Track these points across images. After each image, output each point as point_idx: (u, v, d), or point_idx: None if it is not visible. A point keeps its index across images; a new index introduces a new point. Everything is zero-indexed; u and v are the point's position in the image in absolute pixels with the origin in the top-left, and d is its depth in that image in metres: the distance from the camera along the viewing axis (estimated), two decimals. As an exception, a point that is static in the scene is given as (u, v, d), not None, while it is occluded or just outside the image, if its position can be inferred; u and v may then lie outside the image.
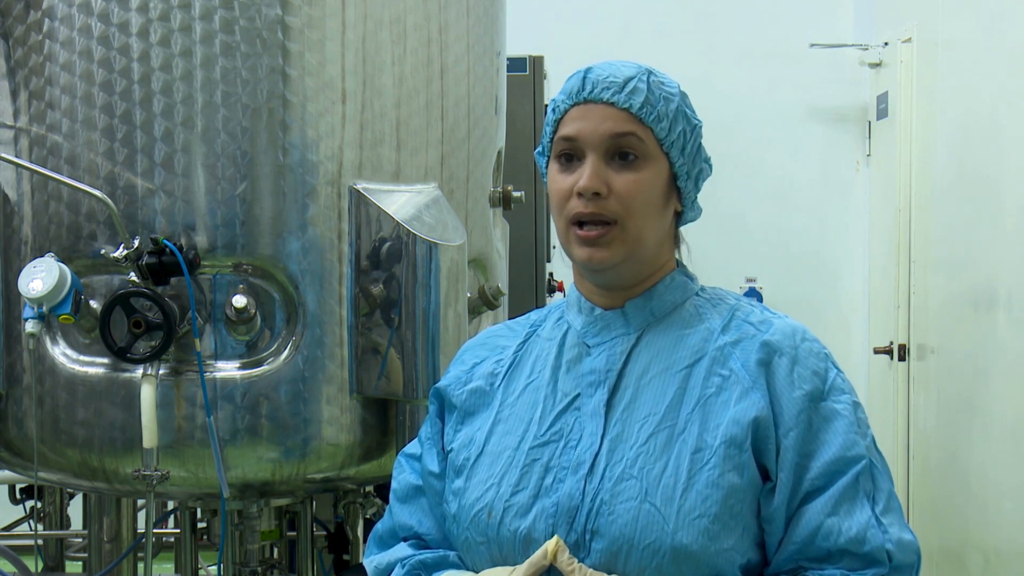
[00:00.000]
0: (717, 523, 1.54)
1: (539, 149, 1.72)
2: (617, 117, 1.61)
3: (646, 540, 1.54)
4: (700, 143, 1.69)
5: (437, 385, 1.81)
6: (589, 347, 1.68)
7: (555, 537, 1.56)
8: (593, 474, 1.59)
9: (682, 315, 1.68)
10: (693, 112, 1.69)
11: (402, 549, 1.77)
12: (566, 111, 1.65)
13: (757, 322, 1.66)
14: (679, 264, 1.75)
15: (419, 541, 1.78)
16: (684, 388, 1.61)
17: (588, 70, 1.65)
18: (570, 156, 1.64)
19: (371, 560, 1.80)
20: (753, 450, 1.57)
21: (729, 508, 1.55)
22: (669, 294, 1.69)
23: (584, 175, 1.60)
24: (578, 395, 1.66)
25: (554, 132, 1.67)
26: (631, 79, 1.62)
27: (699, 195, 1.73)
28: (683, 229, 1.77)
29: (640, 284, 1.69)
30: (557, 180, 1.65)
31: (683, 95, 1.68)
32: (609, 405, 1.63)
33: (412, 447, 1.85)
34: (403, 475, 1.82)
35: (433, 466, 1.77)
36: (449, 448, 1.75)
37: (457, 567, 1.70)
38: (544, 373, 1.71)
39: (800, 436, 1.57)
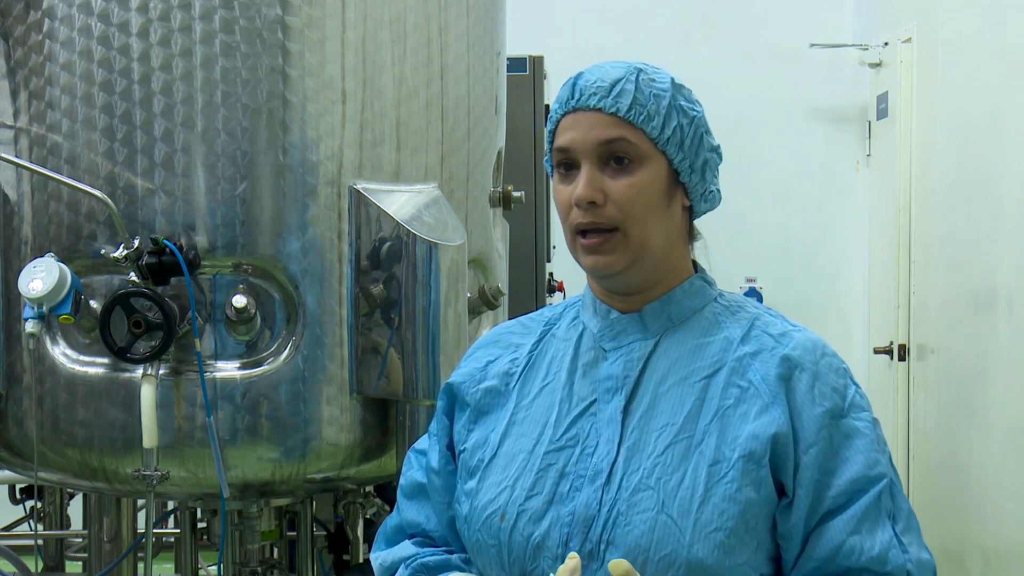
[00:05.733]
0: (733, 537, 1.53)
1: (546, 157, 1.72)
2: (606, 123, 1.59)
3: (661, 552, 1.52)
4: (703, 133, 1.65)
5: (449, 380, 1.79)
6: (606, 351, 1.66)
7: (574, 557, 1.51)
8: (610, 484, 1.57)
9: (700, 322, 1.66)
10: (691, 103, 1.64)
11: (406, 547, 1.76)
12: (559, 120, 1.64)
13: (777, 334, 1.63)
14: (698, 268, 1.72)
15: (425, 539, 1.77)
16: (703, 399, 1.60)
17: (578, 76, 1.64)
18: (568, 166, 1.63)
19: (376, 557, 1.80)
20: (771, 466, 1.55)
21: (745, 523, 1.53)
22: (688, 299, 1.67)
23: (579, 185, 1.59)
24: (594, 400, 1.64)
25: (552, 142, 1.66)
26: (619, 81, 1.60)
27: (714, 186, 1.69)
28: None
29: (655, 287, 1.66)
30: (559, 190, 1.64)
31: (677, 88, 1.64)
32: (626, 412, 1.61)
33: (422, 443, 1.83)
34: (411, 471, 1.81)
35: (434, 462, 1.76)
36: (462, 449, 1.73)
37: (461, 569, 1.69)
38: (560, 375, 1.69)
39: (820, 453, 1.55)
